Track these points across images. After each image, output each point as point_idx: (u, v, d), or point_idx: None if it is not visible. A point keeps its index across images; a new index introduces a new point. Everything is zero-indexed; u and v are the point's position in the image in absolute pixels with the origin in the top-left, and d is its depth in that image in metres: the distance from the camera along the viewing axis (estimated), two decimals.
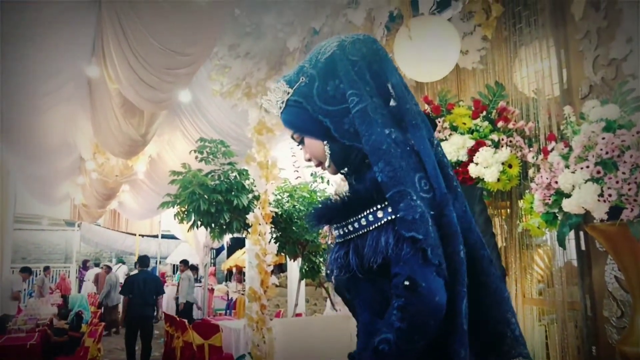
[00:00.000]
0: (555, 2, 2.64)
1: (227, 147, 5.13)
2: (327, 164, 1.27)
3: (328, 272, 1.25)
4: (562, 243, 2.04)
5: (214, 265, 15.90)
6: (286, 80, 1.25)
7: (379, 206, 1.10)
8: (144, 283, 7.51)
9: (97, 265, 15.74)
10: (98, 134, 6.53)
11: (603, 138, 1.81)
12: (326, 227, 4.25)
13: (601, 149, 1.81)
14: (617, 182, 1.74)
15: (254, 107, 4.29)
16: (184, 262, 10.42)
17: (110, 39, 3.78)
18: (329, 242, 4.14)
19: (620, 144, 1.78)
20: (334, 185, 4.90)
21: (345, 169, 1.27)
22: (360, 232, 1.13)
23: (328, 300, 6.20)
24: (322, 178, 5.55)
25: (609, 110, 1.91)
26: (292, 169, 7.03)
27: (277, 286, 4.31)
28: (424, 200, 1.06)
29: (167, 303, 11.48)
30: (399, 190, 1.05)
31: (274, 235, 4.98)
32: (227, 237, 8.99)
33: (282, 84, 1.25)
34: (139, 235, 16.72)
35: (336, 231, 1.21)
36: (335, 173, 1.31)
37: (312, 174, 5.65)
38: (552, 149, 2.12)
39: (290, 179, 5.90)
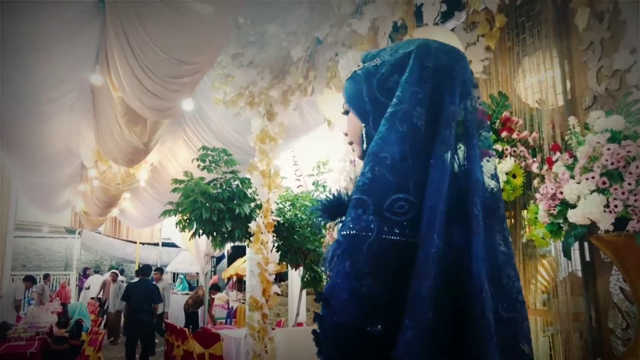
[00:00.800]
0: (559, 13, 2.65)
1: (229, 155, 5.14)
2: (357, 147, 1.26)
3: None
4: (567, 254, 2.03)
5: (215, 273, 15.85)
6: (365, 54, 1.24)
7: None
8: (141, 291, 8.01)
9: (97, 272, 15.74)
10: (100, 142, 6.54)
11: (608, 149, 1.81)
12: (328, 236, 4.19)
13: (606, 160, 1.81)
14: (623, 193, 1.74)
15: (257, 116, 4.29)
16: (160, 270, 10.32)
17: (114, 47, 3.80)
18: (321, 260, 4.13)
19: (625, 155, 1.78)
20: (335, 194, 4.89)
21: None
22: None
23: None
24: (323, 187, 5.55)
25: (614, 121, 1.91)
26: (293, 177, 7.04)
27: (278, 295, 4.29)
28: (392, 222, 1.01)
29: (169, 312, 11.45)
30: (360, 198, 1.02)
31: (276, 244, 4.98)
32: (228, 246, 8.99)
33: (357, 55, 1.25)
34: (140, 243, 16.70)
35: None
36: (360, 157, 1.28)
37: (314, 183, 5.65)
38: (557, 160, 2.12)
39: (292, 187, 5.91)
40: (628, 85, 2.26)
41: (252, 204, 4.89)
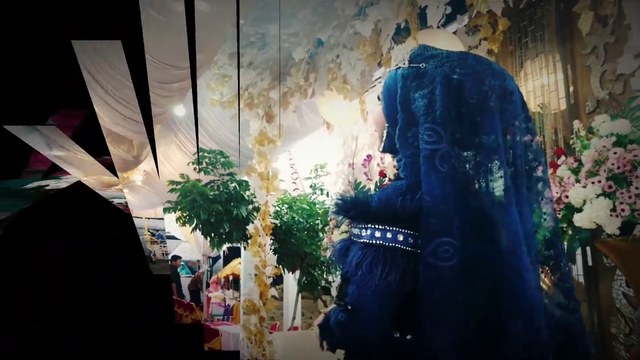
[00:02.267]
0: (562, 17, 2.64)
1: (226, 157, 5.10)
2: (378, 139, 1.26)
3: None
4: (572, 258, 2.02)
5: (212, 273, 15.82)
6: (415, 52, 1.15)
7: (372, 225, 1.03)
8: None
9: None
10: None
11: (615, 153, 1.80)
12: (326, 239, 4.16)
13: (613, 164, 1.80)
14: (630, 197, 1.73)
15: (255, 118, 4.27)
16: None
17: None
18: (330, 255, 4.10)
19: (632, 159, 1.77)
20: (333, 197, 4.86)
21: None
22: (353, 240, 1.07)
23: None
24: (321, 190, 5.51)
25: (619, 125, 1.90)
26: (290, 180, 7.01)
27: (276, 299, 4.26)
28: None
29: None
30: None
31: (273, 247, 4.94)
32: (225, 247, 9.02)
33: (407, 55, 1.15)
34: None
35: (353, 229, 1.15)
36: (379, 149, 1.27)
37: (311, 186, 5.61)
38: (561, 164, 2.11)
39: (289, 190, 5.87)
40: (632, 89, 2.25)
41: (250, 206, 4.86)
